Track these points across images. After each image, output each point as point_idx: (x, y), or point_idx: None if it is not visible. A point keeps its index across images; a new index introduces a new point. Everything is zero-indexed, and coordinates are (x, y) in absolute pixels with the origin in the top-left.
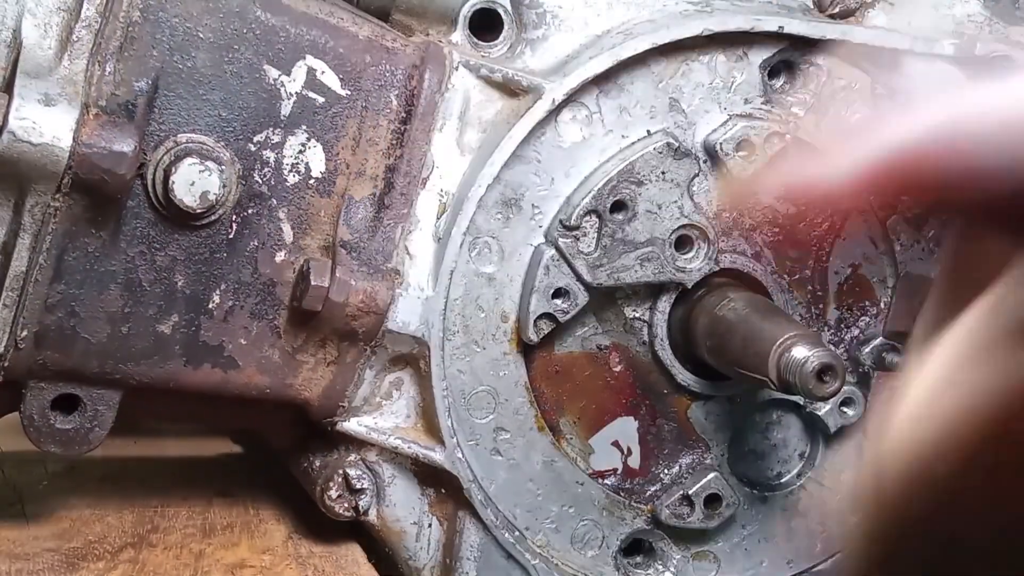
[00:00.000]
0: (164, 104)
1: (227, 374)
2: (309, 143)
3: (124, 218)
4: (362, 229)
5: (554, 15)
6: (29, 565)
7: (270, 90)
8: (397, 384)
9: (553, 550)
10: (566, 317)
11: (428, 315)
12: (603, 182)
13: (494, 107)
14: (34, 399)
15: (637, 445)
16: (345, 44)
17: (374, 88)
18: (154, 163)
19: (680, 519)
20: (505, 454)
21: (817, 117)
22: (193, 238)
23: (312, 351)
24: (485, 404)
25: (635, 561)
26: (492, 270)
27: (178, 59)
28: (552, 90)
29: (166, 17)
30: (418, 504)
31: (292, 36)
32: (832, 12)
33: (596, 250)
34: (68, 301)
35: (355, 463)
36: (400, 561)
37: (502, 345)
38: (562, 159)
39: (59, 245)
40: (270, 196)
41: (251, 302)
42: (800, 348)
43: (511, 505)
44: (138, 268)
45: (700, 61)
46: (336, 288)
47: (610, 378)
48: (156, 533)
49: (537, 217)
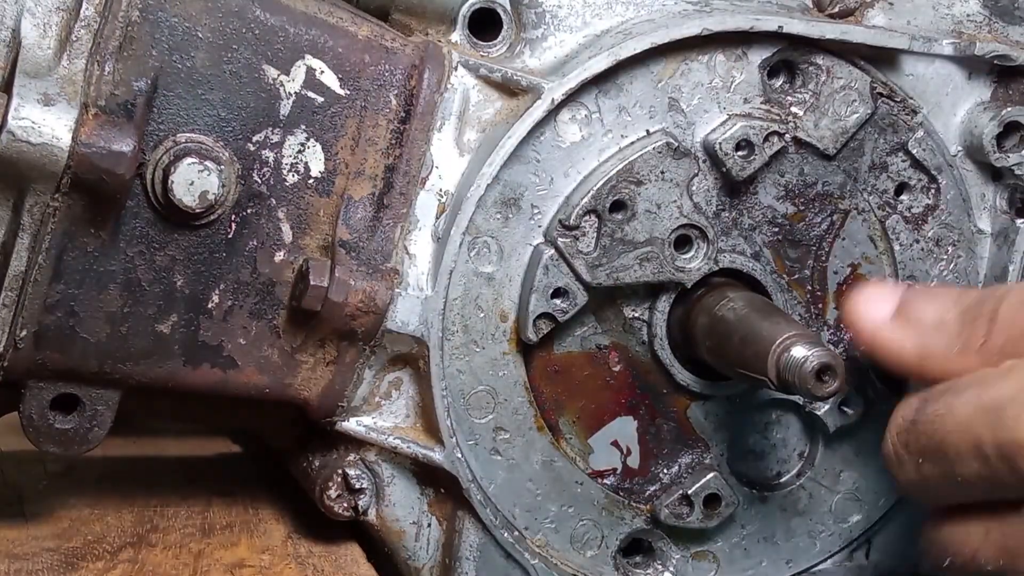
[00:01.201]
0: (163, 104)
1: (226, 374)
2: (308, 143)
3: (123, 218)
4: (361, 229)
5: (553, 15)
6: (28, 565)
7: (269, 90)
8: (396, 384)
9: (552, 550)
10: (565, 317)
11: (427, 315)
12: (602, 182)
13: (493, 107)
14: (33, 399)
15: (636, 445)
16: (344, 44)
17: (373, 88)
18: (153, 163)
19: (679, 519)
20: (504, 454)
21: (817, 117)
22: (192, 238)
23: (311, 351)
24: (484, 404)
25: (634, 561)
26: (491, 270)
27: (177, 59)
28: (551, 90)
29: (165, 17)
30: (417, 504)
31: (291, 36)
32: (831, 12)
33: (595, 250)
34: (67, 301)
35: (354, 463)
36: (399, 561)
37: (501, 345)
38: (561, 159)
39: (58, 245)
40: (269, 196)
41: (250, 302)
42: (799, 348)
43: (510, 505)
44: (137, 268)
45: (699, 61)
46: (335, 288)
47: (609, 378)
48: (155, 533)
49: (536, 217)
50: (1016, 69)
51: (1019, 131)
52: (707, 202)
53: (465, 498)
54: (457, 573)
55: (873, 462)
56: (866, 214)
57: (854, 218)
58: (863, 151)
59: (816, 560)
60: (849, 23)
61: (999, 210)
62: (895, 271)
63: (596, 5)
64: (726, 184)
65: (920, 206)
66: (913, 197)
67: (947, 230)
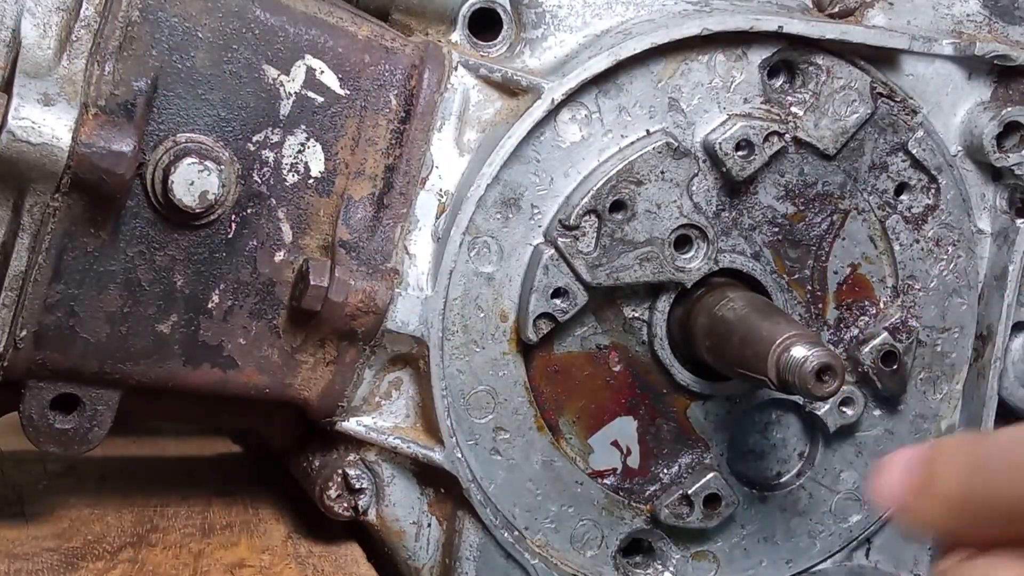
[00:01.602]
0: (163, 104)
1: (226, 374)
2: (308, 143)
3: (123, 218)
4: (361, 229)
5: (553, 15)
6: (28, 565)
7: (269, 90)
8: (396, 384)
9: (552, 550)
10: (565, 317)
11: (427, 315)
12: (602, 182)
13: (493, 107)
14: (33, 399)
15: (636, 445)
16: (344, 44)
17: (373, 88)
18: (153, 163)
19: (679, 519)
20: (504, 454)
21: (817, 117)
22: (192, 238)
23: (311, 351)
24: (484, 404)
25: (634, 561)
26: (491, 270)
27: (177, 59)
28: (551, 90)
29: (165, 17)
30: (417, 504)
31: (291, 36)
32: (831, 12)
33: (595, 250)
34: (67, 301)
35: (354, 463)
36: (399, 561)
37: (501, 345)
38: (561, 159)
39: (58, 245)
40: (269, 196)
41: (250, 302)
42: (799, 348)
43: (510, 505)
44: (137, 268)
45: (699, 61)
46: (335, 288)
47: (609, 378)
48: (155, 533)
49: (536, 217)
50: (1016, 69)
51: (1019, 131)
52: (707, 202)
53: (465, 498)
54: (457, 573)
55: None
56: (866, 214)
57: (854, 218)
58: (863, 151)
59: (816, 560)
60: (849, 23)
61: (999, 210)
62: (895, 271)
63: (596, 5)
64: (726, 184)
65: (920, 206)
66: (913, 197)
67: (947, 230)
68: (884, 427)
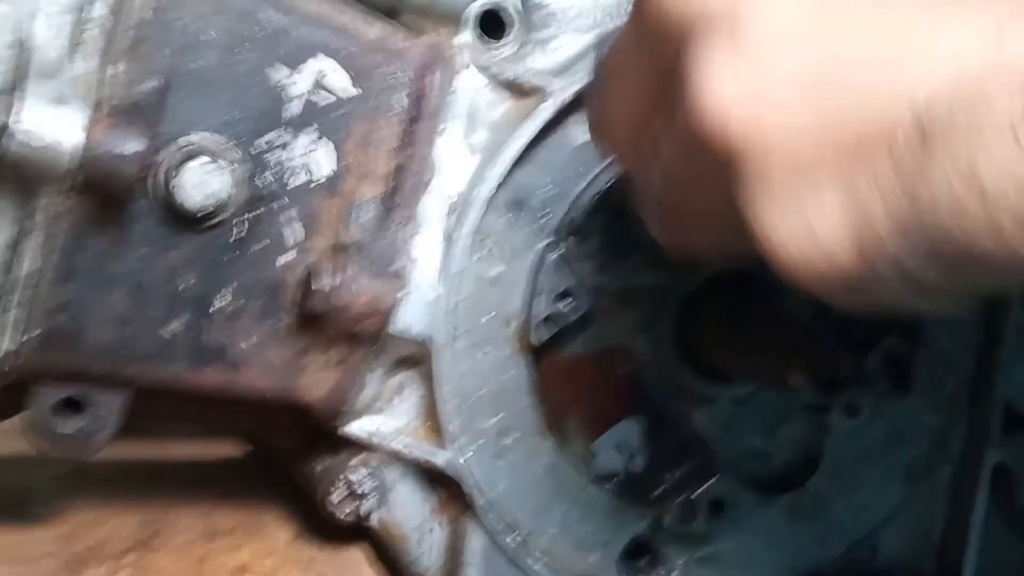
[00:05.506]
0: (174, 104)
1: (231, 376)
2: (317, 143)
3: (133, 219)
4: (369, 230)
5: (563, 15)
6: (31, 570)
7: (279, 90)
8: (401, 387)
9: (556, 554)
10: (571, 319)
11: (433, 317)
12: (611, 183)
13: (502, 107)
14: (38, 402)
15: (641, 448)
16: (354, 44)
17: (383, 88)
18: (163, 163)
19: (684, 522)
20: (509, 457)
21: None
22: (200, 239)
23: (317, 354)
24: (489, 407)
25: (638, 565)
26: (498, 272)
27: (188, 59)
28: (561, 91)
29: (177, 16)
30: (421, 508)
31: (301, 36)
32: None
33: (602, 252)
34: (76, 302)
35: (358, 467)
36: (403, 566)
37: (507, 347)
38: (570, 160)
39: (68, 246)
40: (278, 197)
41: (257, 304)
42: None
43: (514, 509)
44: (146, 269)
45: None
46: (342, 290)
47: (615, 381)
48: (159, 537)
49: (544, 218)
50: None
51: None
52: None
53: (469, 502)
54: None
55: (878, 464)
56: None
57: None
58: None
59: (819, 561)
60: None
61: None
62: None
63: (606, 5)
64: None
65: None
66: None
67: None
68: (890, 429)
